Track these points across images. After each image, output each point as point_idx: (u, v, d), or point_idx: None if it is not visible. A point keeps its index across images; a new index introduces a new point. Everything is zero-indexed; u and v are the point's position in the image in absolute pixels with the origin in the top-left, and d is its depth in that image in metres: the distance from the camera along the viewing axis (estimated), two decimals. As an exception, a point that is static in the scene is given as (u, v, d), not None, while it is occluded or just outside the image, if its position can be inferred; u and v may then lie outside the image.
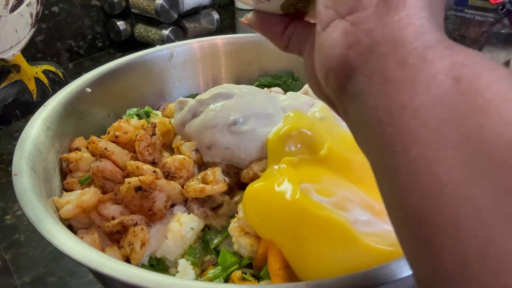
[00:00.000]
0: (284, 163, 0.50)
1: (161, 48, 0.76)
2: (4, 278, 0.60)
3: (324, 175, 0.49)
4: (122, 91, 0.71)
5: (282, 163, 0.50)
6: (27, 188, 0.45)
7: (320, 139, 0.52)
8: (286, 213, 0.44)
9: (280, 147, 0.52)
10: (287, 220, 0.44)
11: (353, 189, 0.47)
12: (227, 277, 0.47)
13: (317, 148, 0.52)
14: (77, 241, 0.40)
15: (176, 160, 0.54)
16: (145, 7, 1.19)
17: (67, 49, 1.24)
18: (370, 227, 0.43)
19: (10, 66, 0.94)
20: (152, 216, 0.51)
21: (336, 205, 0.44)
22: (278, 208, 0.45)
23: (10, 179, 0.46)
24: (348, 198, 0.45)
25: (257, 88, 0.63)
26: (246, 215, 0.47)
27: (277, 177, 0.48)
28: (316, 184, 0.46)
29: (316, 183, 0.47)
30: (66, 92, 0.62)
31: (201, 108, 0.57)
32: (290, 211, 0.44)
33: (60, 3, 1.17)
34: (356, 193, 0.47)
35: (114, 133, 0.57)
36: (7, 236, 0.67)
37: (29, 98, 0.98)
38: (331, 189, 0.46)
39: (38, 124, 0.55)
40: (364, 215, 0.44)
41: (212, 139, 0.54)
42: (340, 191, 0.46)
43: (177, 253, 0.50)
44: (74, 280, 0.60)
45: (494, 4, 1.56)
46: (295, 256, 0.43)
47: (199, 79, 0.81)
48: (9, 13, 0.85)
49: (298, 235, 0.43)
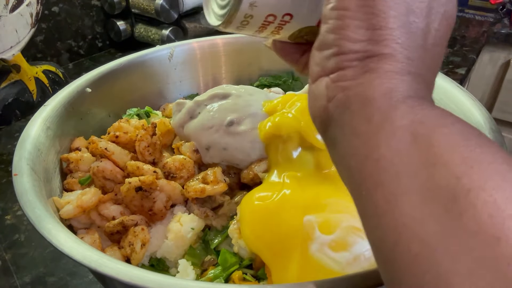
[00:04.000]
0: (288, 178, 0.49)
1: (161, 48, 0.76)
2: (4, 278, 0.60)
3: (329, 197, 0.47)
4: (122, 91, 0.71)
5: (286, 177, 0.49)
6: (27, 188, 0.45)
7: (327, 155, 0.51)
8: (282, 244, 0.44)
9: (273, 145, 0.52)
10: (281, 249, 0.44)
11: None
12: (228, 278, 0.47)
13: (323, 163, 0.51)
14: (77, 241, 0.40)
15: (177, 160, 0.54)
16: (145, 7, 1.19)
17: (67, 49, 1.24)
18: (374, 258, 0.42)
19: (10, 66, 0.94)
20: (153, 216, 0.51)
21: (338, 244, 0.43)
22: (275, 236, 0.45)
23: (10, 179, 0.46)
24: (352, 227, 0.44)
25: (255, 88, 0.63)
26: (242, 229, 0.47)
27: (279, 192, 0.47)
28: (321, 214, 0.45)
29: (320, 211, 0.45)
30: (66, 92, 0.62)
31: (199, 109, 0.57)
32: (287, 243, 0.44)
33: (60, 3, 1.17)
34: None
35: (114, 133, 0.57)
36: (7, 236, 0.67)
37: (29, 98, 0.98)
38: (335, 219, 0.45)
39: (38, 124, 0.55)
40: (368, 245, 0.43)
41: (210, 140, 0.54)
42: (345, 219, 0.44)
43: (178, 253, 0.50)
44: (74, 280, 0.60)
45: (494, 4, 1.56)
46: (278, 274, 0.44)
47: (199, 79, 0.81)
48: (9, 13, 0.85)
49: (288, 266, 0.43)
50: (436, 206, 0.20)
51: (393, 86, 0.24)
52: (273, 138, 0.53)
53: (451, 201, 0.20)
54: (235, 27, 0.31)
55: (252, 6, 0.29)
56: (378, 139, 0.23)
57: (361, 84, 0.25)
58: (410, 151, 0.22)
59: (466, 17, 1.54)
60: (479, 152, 0.21)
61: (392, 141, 0.23)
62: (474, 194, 0.19)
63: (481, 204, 0.19)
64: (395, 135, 0.23)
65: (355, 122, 0.25)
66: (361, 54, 0.25)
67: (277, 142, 0.53)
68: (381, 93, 0.24)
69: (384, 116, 0.23)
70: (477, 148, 0.21)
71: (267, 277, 0.45)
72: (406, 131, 0.22)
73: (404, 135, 0.22)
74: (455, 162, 0.20)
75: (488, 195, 0.19)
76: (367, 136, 0.24)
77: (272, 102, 0.57)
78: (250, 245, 0.46)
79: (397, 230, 0.21)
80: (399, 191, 0.21)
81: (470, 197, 0.19)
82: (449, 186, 0.20)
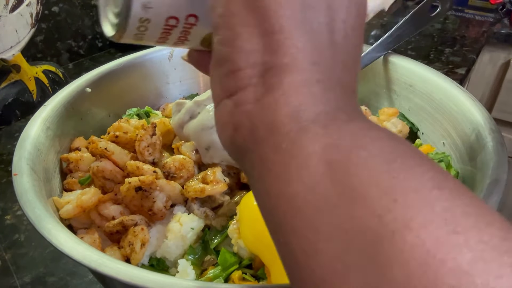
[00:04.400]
0: None
1: (161, 48, 0.76)
2: (4, 278, 0.60)
3: None
4: (122, 91, 0.71)
5: None
6: (27, 188, 0.45)
7: None
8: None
9: None
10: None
11: None
12: (227, 277, 0.47)
13: None
14: (77, 241, 0.40)
15: (176, 160, 0.54)
16: (145, 7, 1.19)
17: (67, 49, 1.24)
18: None
19: (10, 66, 0.94)
20: (152, 216, 0.51)
21: None
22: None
23: (10, 179, 0.46)
24: None
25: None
26: (241, 230, 0.47)
27: None
28: None
29: None
30: (66, 92, 0.62)
31: (198, 109, 0.57)
32: None
33: (60, 3, 1.17)
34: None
35: (114, 133, 0.57)
36: (7, 236, 0.67)
37: (29, 98, 0.98)
38: None
39: (38, 124, 0.55)
40: None
41: (210, 140, 0.54)
42: None
43: (177, 253, 0.50)
44: (74, 280, 0.60)
45: (494, 4, 1.56)
46: (277, 275, 0.44)
47: (199, 79, 0.81)
48: (9, 13, 0.85)
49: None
50: (358, 254, 0.17)
51: (300, 103, 0.20)
52: None
53: (375, 247, 0.16)
54: (132, 35, 0.27)
55: (145, 8, 0.25)
56: (290, 172, 0.19)
57: (265, 106, 0.21)
58: (325, 185, 0.18)
59: (466, 17, 1.54)
60: (403, 178, 0.17)
61: (304, 173, 0.19)
62: (399, 237, 0.16)
63: (409, 249, 0.16)
64: (307, 166, 0.19)
65: (264, 153, 0.21)
66: (259, 68, 0.21)
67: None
68: (288, 115, 0.20)
69: (293, 143, 0.20)
70: (401, 173, 0.18)
71: (266, 277, 0.45)
72: (320, 159, 0.19)
73: (318, 165, 0.19)
74: (375, 195, 0.17)
75: (415, 236, 0.16)
76: (278, 170, 0.20)
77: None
78: (249, 245, 0.46)
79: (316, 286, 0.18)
80: (316, 238, 0.18)
81: (395, 241, 0.16)
82: (371, 229, 0.17)
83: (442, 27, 1.44)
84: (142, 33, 0.27)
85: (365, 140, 0.19)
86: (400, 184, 0.17)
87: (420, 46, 1.28)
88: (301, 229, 0.19)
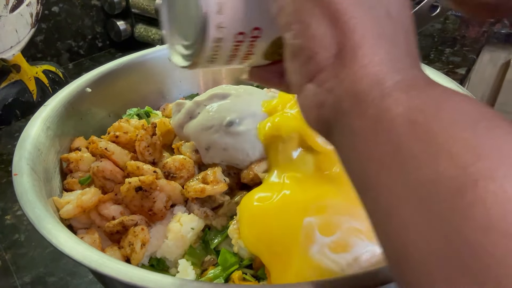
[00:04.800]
0: (288, 178, 0.49)
1: (161, 48, 0.76)
2: (4, 278, 0.60)
3: (329, 198, 0.47)
4: (122, 91, 0.71)
5: (286, 177, 0.49)
6: (27, 188, 0.45)
7: (329, 156, 0.50)
8: (281, 246, 0.44)
9: (273, 146, 0.52)
10: (280, 250, 0.44)
11: (361, 212, 0.46)
12: (227, 277, 0.47)
13: (324, 164, 0.50)
14: (77, 241, 0.40)
15: (177, 160, 0.54)
16: (145, 7, 1.19)
17: (67, 49, 1.24)
18: (373, 258, 0.42)
19: (10, 66, 0.94)
20: (152, 216, 0.51)
21: (337, 245, 0.43)
22: (275, 237, 0.45)
23: (10, 179, 0.46)
24: (353, 228, 0.44)
25: (255, 88, 0.63)
26: (241, 230, 0.47)
27: (278, 192, 0.47)
28: (321, 216, 0.45)
29: (321, 213, 0.45)
30: (66, 92, 0.62)
31: (198, 109, 0.57)
32: (286, 245, 0.44)
33: (60, 3, 1.17)
34: (363, 218, 0.46)
35: (114, 133, 0.57)
36: (7, 236, 0.67)
37: (29, 98, 0.98)
38: (335, 221, 0.45)
39: (38, 124, 0.55)
40: (368, 245, 0.43)
41: (210, 141, 0.54)
42: (345, 221, 0.44)
43: (178, 253, 0.50)
44: (74, 280, 0.60)
45: (494, 4, 1.56)
46: (277, 276, 0.44)
47: (199, 79, 0.81)
48: (9, 13, 0.85)
49: (287, 267, 0.43)
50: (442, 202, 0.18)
51: (378, 73, 0.23)
52: (272, 139, 0.53)
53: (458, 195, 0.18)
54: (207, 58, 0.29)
55: (219, 28, 0.27)
56: (377, 135, 0.22)
57: (346, 80, 0.23)
58: (410, 143, 0.20)
59: (466, 17, 1.54)
60: (487, 136, 0.19)
61: (391, 134, 0.21)
62: (482, 185, 0.17)
63: (491, 196, 0.17)
64: (394, 127, 0.21)
65: (351, 122, 0.23)
66: (333, 49, 0.24)
67: (277, 142, 0.53)
68: (369, 84, 0.23)
69: (378, 108, 0.22)
70: (485, 133, 0.19)
71: (267, 277, 0.45)
72: (404, 120, 0.21)
73: (403, 125, 0.21)
74: (460, 151, 0.19)
75: (498, 185, 0.17)
76: (366, 134, 0.22)
77: (272, 102, 0.57)
78: (249, 246, 0.46)
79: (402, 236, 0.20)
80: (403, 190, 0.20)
81: (478, 189, 0.17)
82: (455, 178, 0.18)
83: (442, 27, 1.44)
84: (216, 53, 0.29)
85: (448, 104, 0.21)
86: (484, 142, 0.19)
87: (420, 46, 1.28)
88: (390, 184, 0.21)
